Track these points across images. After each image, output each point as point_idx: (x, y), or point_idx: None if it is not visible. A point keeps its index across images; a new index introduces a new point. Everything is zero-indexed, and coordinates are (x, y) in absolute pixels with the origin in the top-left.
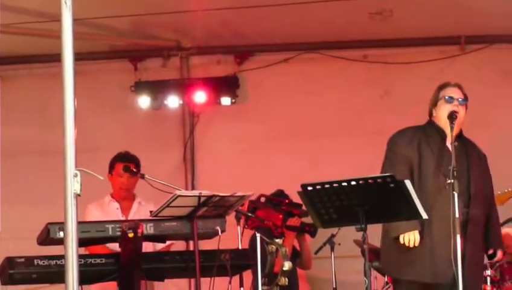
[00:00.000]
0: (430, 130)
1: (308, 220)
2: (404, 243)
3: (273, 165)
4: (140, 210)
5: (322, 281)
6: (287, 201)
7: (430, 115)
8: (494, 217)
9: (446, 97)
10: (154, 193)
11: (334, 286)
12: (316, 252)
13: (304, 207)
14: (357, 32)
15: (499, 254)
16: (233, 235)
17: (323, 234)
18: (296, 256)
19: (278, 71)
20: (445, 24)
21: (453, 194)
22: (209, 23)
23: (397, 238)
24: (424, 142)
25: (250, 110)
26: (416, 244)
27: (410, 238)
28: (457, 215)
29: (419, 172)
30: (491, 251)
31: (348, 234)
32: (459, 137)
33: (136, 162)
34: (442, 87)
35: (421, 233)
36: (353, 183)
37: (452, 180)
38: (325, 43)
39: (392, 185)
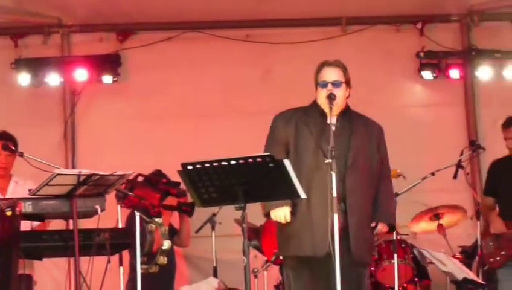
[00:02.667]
0: (312, 110)
1: (186, 199)
2: (276, 220)
3: (154, 144)
4: (17, 189)
5: (203, 260)
6: (164, 180)
7: None
8: (382, 190)
9: (320, 83)
10: (34, 171)
11: (214, 265)
12: (197, 231)
13: (182, 186)
14: (239, 12)
15: (379, 226)
16: (112, 215)
17: (204, 213)
18: (173, 234)
19: (160, 50)
20: (326, 5)
21: (331, 174)
22: (91, 0)
23: (269, 215)
24: (302, 122)
25: (132, 89)
26: (288, 220)
27: (280, 214)
28: (334, 194)
29: (296, 151)
30: (373, 224)
31: (228, 213)
32: (344, 114)
33: (13, 140)
34: (318, 69)
35: (293, 210)
36: (233, 162)
37: (330, 160)
38: (208, 23)
39: (271, 164)
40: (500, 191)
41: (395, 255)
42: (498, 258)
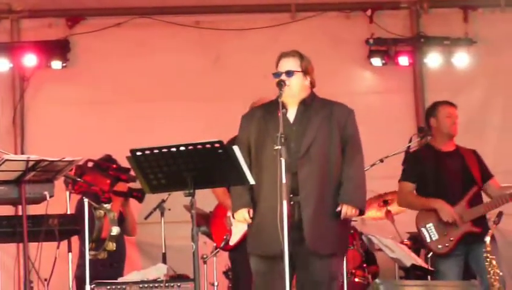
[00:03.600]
0: (272, 105)
1: (136, 185)
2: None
3: (104, 130)
4: None
5: (152, 247)
6: (114, 166)
7: None
8: (346, 174)
9: (274, 74)
10: None
11: (163, 251)
12: (146, 218)
13: (132, 172)
14: None
15: (344, 209)
16: (61, 201)
17: (153, 199)
18: (122, 221)
19: (110, 36)
20: None
21: (280, 161)
22: None
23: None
24: (262, 118)
25: (81, 74)
26: (249, 221)
27: (240, 217)
28: (284, 181)
29: (256, 148)
30: (338, 208)
31: (178, 200)
32: (304, 103)
33: None
34: (276, 62)
35: (255, 207)
36: (182, 148)
37: (279, 147)
38: (157, 9)
39: (220, 150)
40: (431, 179)
41: None
42: (447, 245)
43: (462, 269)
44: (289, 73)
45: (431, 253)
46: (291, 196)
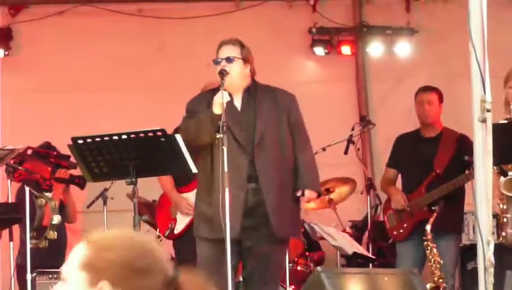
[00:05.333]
0: (216, 92)
1: (77, 172)
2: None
3: (46, 118)
4: None
5: None
6: (55, 153)
7: None
8: (301, 159)
9: (214, 61)
10: None
11: None
12: (89, 206)
13: (72, 159)
14: None
15: (306, 193)
16: (3, 189)
17: (96, 188)
18: (63, 208)
19: (53, 24)
20: None
21: (223, 149)
22: None
23: None
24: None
25: (24, 63)
26: (190, 211)
27: (182, 209)
28: (226, 169)
29: None
30: (299, 193)
31: (121, 189)
32: (248, 91)
33: None
34: (217, 50)
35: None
36: (124, 137)
37: (221, 135)
38: None
39: (162, 139)
40: (404, 165)
41: None
42: (401, 231)
43: (419, 255)
44: (229, 59)
45: (385, 239)
46: (248, 183)
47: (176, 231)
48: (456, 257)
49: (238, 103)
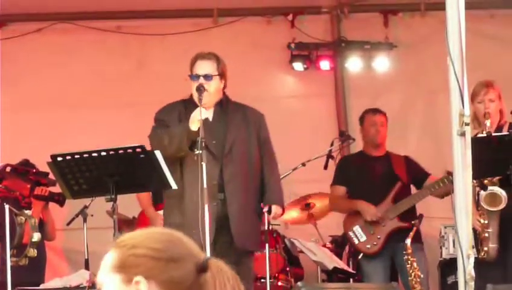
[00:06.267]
0: (189, 104)
1: (56, 189)
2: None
3: (25, 135)
4: None
5: (75, 253)
6: (34, 170)
7: None
8: (268, 175)
9: (192, 76)
10: None
11: (86, 257)
12: (68, 224)
13: (51, 176)
14: (110, 3)
15: (273, 208)
16: None
17: (76, 205)
18: (42, 226)
19: (32, 41)
20: None
21: (202, 165)
22: None
23: None
24: (183, 114)
25: (2, 80)
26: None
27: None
28: (205, 185)
29: None
30: (266, 207)
31: (101, 206)
32: (220, 105)
33: None
34: (192, 62)
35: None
36: (103, 153)
37: (200, 151)
38: (79, 14)
39: (142, 155)
40: (357, 182)
41: (267, 245)
42: (375, 243)
43: (388, 270)
44: (208, 77)
45: (355, 255)
46: (218, 193)
47: None
48: (427, 268)
49: (210, 114)
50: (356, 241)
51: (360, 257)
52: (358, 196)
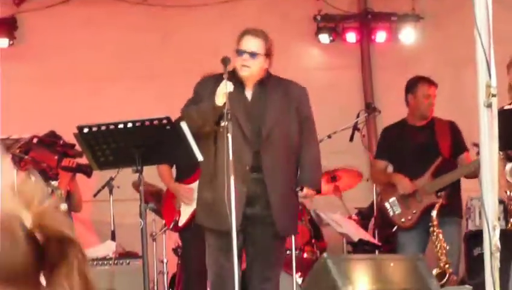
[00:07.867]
0: (230, 78)
1: (83, 160)
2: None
3: (51, 107)
4: None
5: (101, 224)
6: (61, 142)
7: None
8: (305, 157)
9: (237, 50)
10: None
11: (112, 229)
12: (95, 195)
13: (77, 147)
14: None
15: (305, 190)
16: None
17: (103, 176)
18: (68, 197)
19: (58, 13)
20: None
21: (227, 137)
22: None
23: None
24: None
25: (29, 52)
26: (190, 201)
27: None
28: (230, 157)
29: None
30: (298, 188)
31: (128, 177)
32: (261, 84)
33: None
34: (240, 36)
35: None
36: (129, 125)
37: (226, 122)
38: None
39: (168, 127)
40: (398, 155)
41: None
42: (410, 218)
43: (423, 243)
44: (253, 55)
45: (383, 228)
46: (251, 173)
47: (180, 223)
48: (460, 242)
49: (249, 94)
50: (391, 214)
51: (394, 229)
52: (398, 168)
